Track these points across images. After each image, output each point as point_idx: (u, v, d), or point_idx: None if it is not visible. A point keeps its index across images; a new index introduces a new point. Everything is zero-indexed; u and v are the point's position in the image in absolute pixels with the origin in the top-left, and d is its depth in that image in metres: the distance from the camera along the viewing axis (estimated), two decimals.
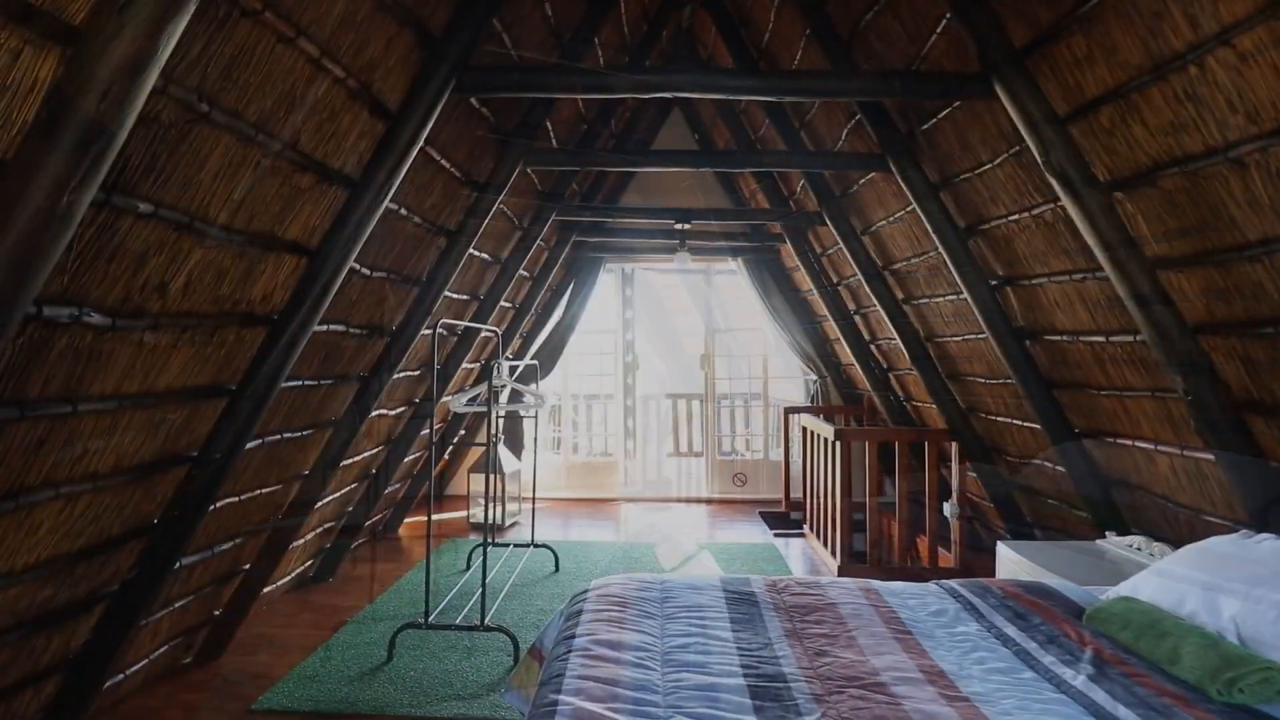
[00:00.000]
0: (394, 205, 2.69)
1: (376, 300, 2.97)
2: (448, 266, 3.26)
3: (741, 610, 1.89)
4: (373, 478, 4.23)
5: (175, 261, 1.81)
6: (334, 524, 4.02)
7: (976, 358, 3.71)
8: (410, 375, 3.87)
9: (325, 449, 3.22)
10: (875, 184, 3.72)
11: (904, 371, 4.80)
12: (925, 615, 1.91)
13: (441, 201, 3.04)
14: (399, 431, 4.23)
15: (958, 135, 2.86)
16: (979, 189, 2.91)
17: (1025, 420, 3.55)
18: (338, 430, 3.21)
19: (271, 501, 3.05)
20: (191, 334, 2.01)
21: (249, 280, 2.12)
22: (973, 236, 3.14)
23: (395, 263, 2.99)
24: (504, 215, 3.91)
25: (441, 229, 3.19)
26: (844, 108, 3.60)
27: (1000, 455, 4.02)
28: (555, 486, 6.20)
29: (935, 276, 3.67)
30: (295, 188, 2.09)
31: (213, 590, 2.98)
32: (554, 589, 3.97)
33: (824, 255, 5.02)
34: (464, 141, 2.94)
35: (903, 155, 3.16)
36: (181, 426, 2.19)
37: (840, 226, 4.16)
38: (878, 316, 4.74)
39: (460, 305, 4.08)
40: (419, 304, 3.25)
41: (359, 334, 2.98)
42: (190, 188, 1.74)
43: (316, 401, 2.96)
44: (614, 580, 2.09)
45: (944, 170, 3.08)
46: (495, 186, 3.20)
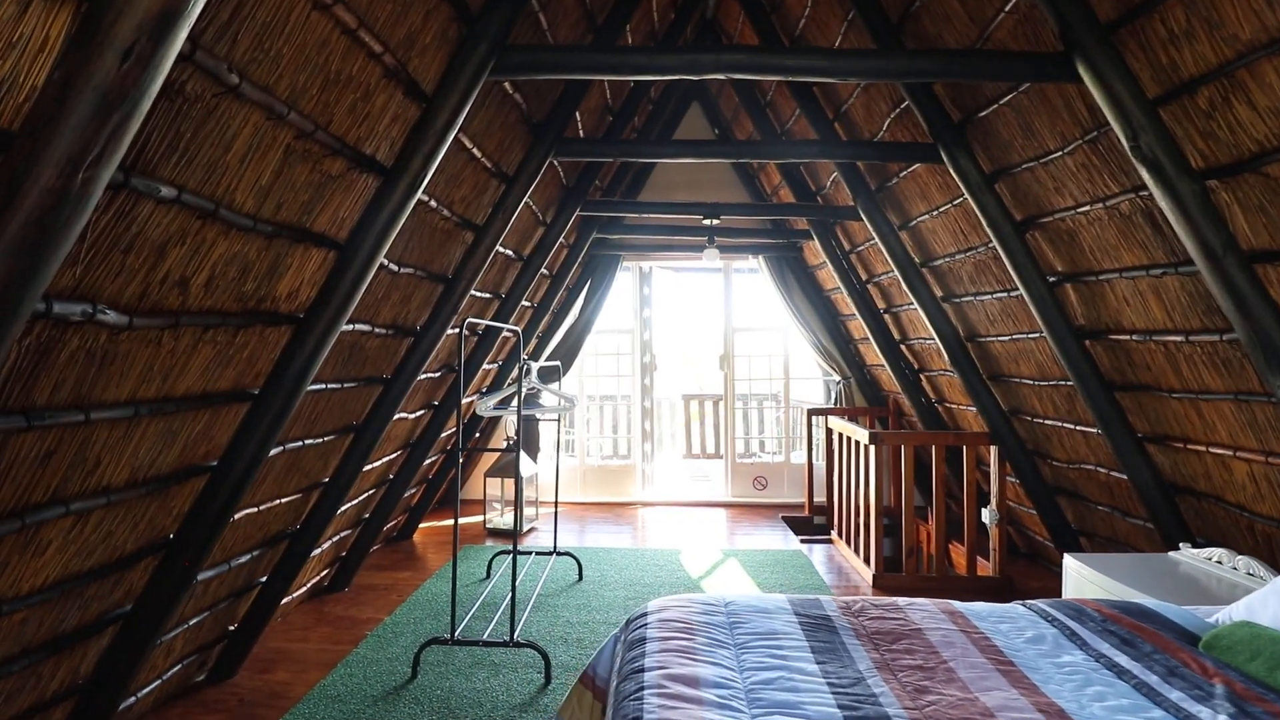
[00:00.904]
0: (424, 196, 2.51)
1: (403, 298, 2.79)
2: (475, 262, 3.08)
3: (821, 638, 1.71)
4: (390, 483, 4.05)
5: (198, 254, 1.63)
6: (350, 531, 3.84)
7: (1024, 358, 3.54)
8: (431, 377, 3.69)
9: (347, 455, 3.03)
10: (918, 176, 3.55)
11: (937, 373, 4.63)
12: (1023, 643, 1.74)
13: (471, 194, 2.86)
14: (418, 435, 4.04)
15: (1021, 121, 2.68)
16: (1042, 179, 2.74)
17: (1078, 424, 3.37)
18: (360, 435, 3.03)
19: (291, 511, 2.87)
20: (213, 334, 1.82)
21: (274, 275, 1.93)
22: (1030, 230, 2.96)
23: (422, 258, 2.81)
24: (529, 210, 3.73)
25: (469, 223, 3.00)
26: (887, 96, 3.43)
27: (1045, 460, 3.85)
28: (570, 490, 6.02)
29: (982, 273, 3.50)
30: (325, 174, 1.91)
31: (229, 605, 2.80)
32: (579, 599, 3.79)
33: (853, 252, 4.84)
34: (495, 130, 2.76)
35: (956, 144, 2.98)
36: (201, 434, 2.01)
37: (876, 221, 3.98)
38: (911, 315, 4.56)
39: (482, 304, 3.90)
40: (445, 302, 3.06)
41: (384, 333, 2.80)
42: (216, 171, 1.55)
43: (339, 405, 2.78)
44: (673, 602, 1.91)
45: (1001, 160, 2.90)
46: (525, 177, 3.02)
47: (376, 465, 3.58)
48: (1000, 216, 2.97)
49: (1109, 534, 3.62)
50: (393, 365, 3.08)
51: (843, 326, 5.84)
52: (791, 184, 4.86)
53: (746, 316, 6.23)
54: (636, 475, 6.09)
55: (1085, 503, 3.68)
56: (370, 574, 4.16)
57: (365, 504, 3.83)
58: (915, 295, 3.96)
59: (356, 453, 3.03)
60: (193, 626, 2.61)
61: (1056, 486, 3.89)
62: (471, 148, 2.62)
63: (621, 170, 5.25)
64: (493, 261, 3.60)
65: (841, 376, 5.83)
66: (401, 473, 4.06)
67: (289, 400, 2.14)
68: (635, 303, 6.10)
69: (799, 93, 4.02)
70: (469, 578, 4.13)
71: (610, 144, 3.18)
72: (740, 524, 5.50)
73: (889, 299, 4.74)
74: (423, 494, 4.92)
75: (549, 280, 5.11)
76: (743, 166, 5.86)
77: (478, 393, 4.97)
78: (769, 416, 6.85)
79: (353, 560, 3.94)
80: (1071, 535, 3.87)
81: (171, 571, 2.21)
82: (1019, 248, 2.97)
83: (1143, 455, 2.97)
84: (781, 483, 6.05)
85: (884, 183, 3.88)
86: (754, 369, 6.33)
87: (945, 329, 3.94)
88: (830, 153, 3.18)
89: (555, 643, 3.22)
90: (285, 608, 3.46)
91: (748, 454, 6.78)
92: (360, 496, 3.67)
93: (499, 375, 5.05)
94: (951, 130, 2.99)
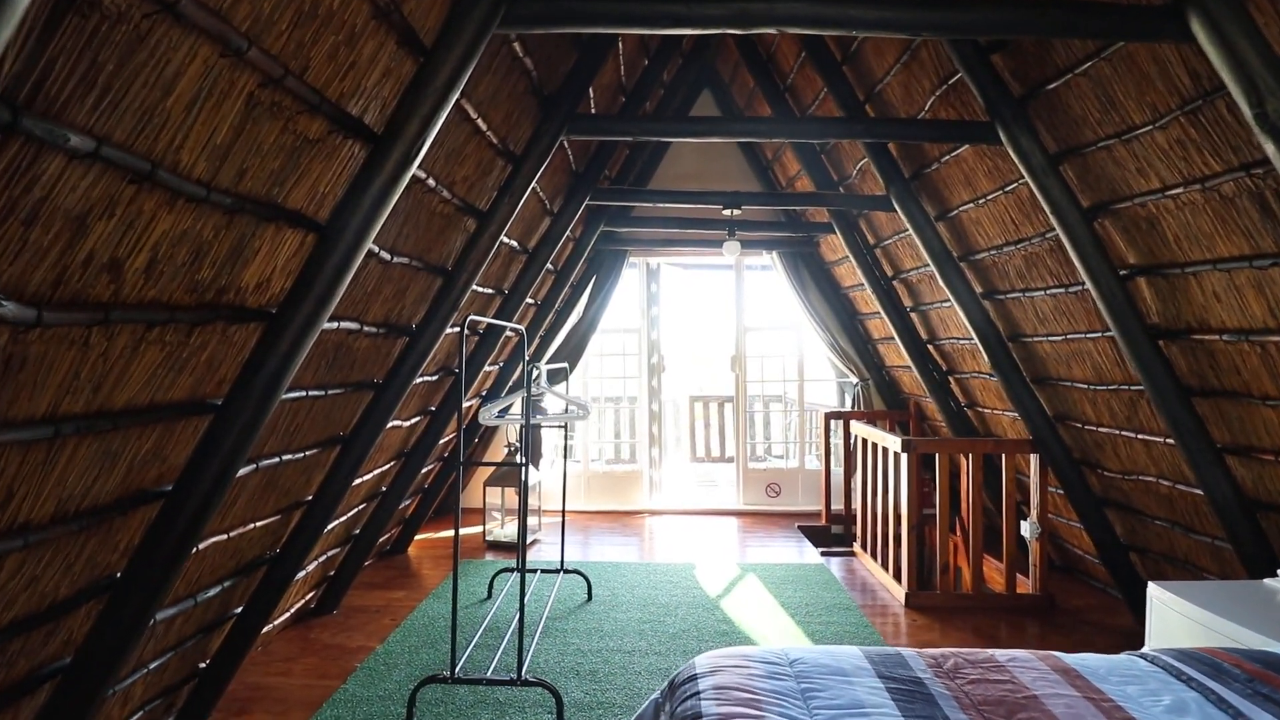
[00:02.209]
0: (421, 173, 2.15)
1: (397, 292, 2.42)
2: (477, 254, 2.71)
3: (919, 712, 1.36)
4: (383, 496, 3.67)
5: (133, 230, 1.26)
6: (339, 550, 3.47)
7: (1078, 360, 3.21)
8: (428, 380, 3.32)
9: (333, 470, 2.66)
10: (963, 161, 3.21)
11: (968, 375, 4.30)
12: (1161, 711, 1.39)
13: (475, 174, 2.49)
14: (414, 443, 3.68)
15: (1100, 94, 2.34)
16: (1122, 159, 2.40)
17: (1139, 432, 3.05)
18: (348, 448, 2.66)
19: (269, 535, 2.49)
20: (160, 333, 1.45)
21: (238, 261, 1.57)
22: (1100, 217, 2.63)
23: (419, 246, 2.44)
24: (536, 196, 3.36)
25: (472, 208, 2.64)
26: (931, 71, 3.08)
27: (1094, 470, 3.52)
28: (574, 498, 5.65)
29: (1033, 267, 3.17)
30: (300, 137, 1.54)
31: (198, 642, 2.43)
32: (590, 622, 3.44)
33: (878, 246, 4.51)
34: (502, 99, 2.39)
35: (1018, 122, 2.64)
36: (150, 455, 1.64)
37: (910, 211, 3.64)
38: (942, 314, 4.23)
39: (484, 300, 3.54)
40: (444, 297, 2.70)
41: (375, 332, 2.43)
42: (152, 120, 1.19)
43: (323, 415, 2.41)
44: (726, 662, 1.55)
45: (1070, 139, 2.57)
46: (534, 157, 2.66)
47: (367, 478, 3.21)
48: (1066, 203, 2.64)
49: (1165, 550, 3.30)
50: (385, 368, 2.71)
51: (861, 326, 5.51)
52: (812, 174, 4.52)
53: (759, 315, 5.89)
54: (643, 482, 5.74)
55: (1139, 516, 3.36)
56: (361, 594, 3.79)
57: (355, 520, 3.45)
58: (952, 292, 3.62)
59: (344, 467, 2.67)
60: (155, 670, 2.24)
61: (1105, 498, 3.56)
62: (476, 118, 2.25)
63: (629, 161, 4.90)
64: (496, 253, 3.24)
65: (859, 378, 5.50)
66: (395, 485, 3.69)
67: (259, 411, 1.77)
68: (642, 301, 5.74)
69: (826, 72, 3.67)
70: (469, 597, 3.76)
71: (628, 121, 2.83)
72: (754, 534, 5.15)
73: (917, 296, 4.40)
74: (418, 504, 4.55)
75: (554, 277, 4.74)
76: (756, 158, 5.51)
77: (477, 396, 4.60)
78: (782, 420, 6.51)
79: (341, 580, 3.57)
80: (1121, 551, 3.55)
81: (121, 616, 1.84)
82: (1086, 237, 2.64)
83: (1222, 468, 2.64)
84: (796, 490, 5.71)
85: (920, 169, 3.54)
86: (767, 370, 5.98)
87: (985, 328, 3.60)
88: (874, 131, 2.84)
89: (566, 675, 2.87)
90: (266, 637, 3.09)
91: (757, 457, 6.44)
92: (349, 513, 3.30)
93: (500, 378, 4.68)
94: (1012, 106, 2.66)
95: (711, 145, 5.50)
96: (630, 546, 4.81)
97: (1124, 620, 3.57)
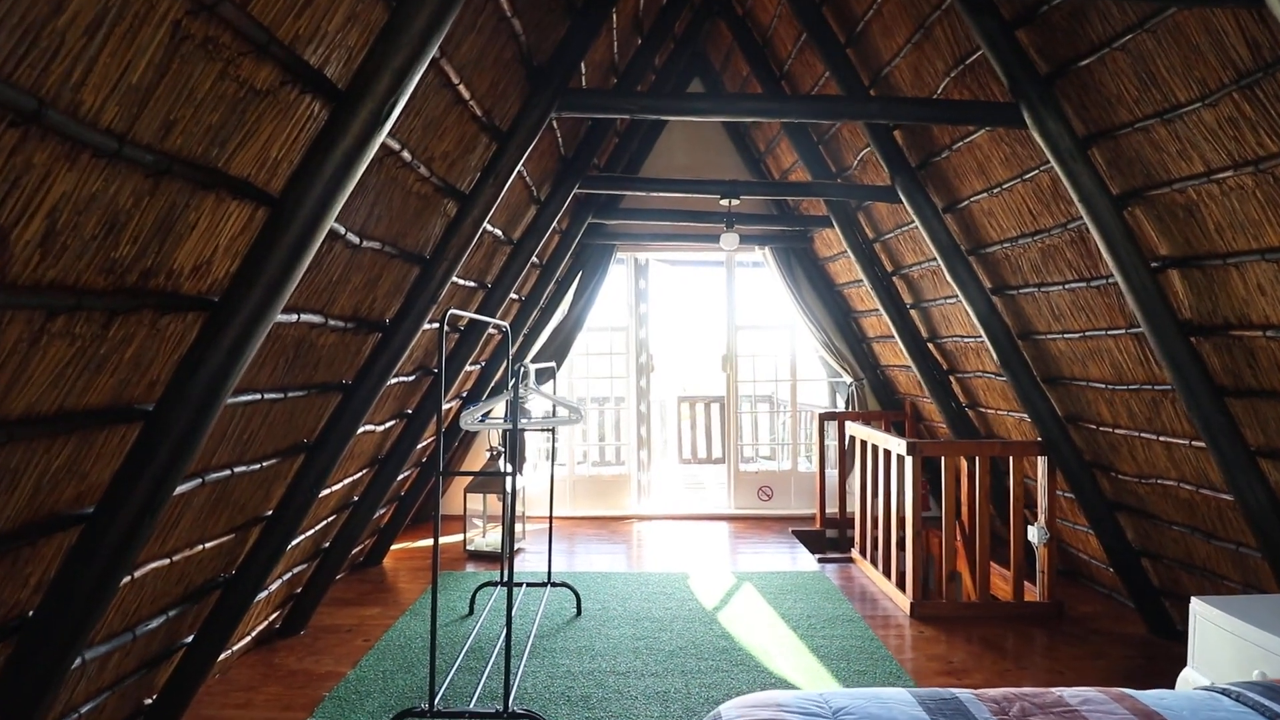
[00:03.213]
0: (395, 144, 1.87)
1: (367, 281, 2.14)
2: (459, 241, 2.44)
3: None
4: (355, 506, 3.37)
5: (19, 188, 0.98)
6: (305, 566, 3.16)
7: (1096, 358, 3.03)
8: (404, 381, 3.03)
9: (297, 481, 2.37)
10: (977, 149, 3.01)
11: (970, 374, 4.12)
12: None
13: (456, 150, 2.22)
14: (389, 449, 3.38)
15: (1139, 69, 2.15)
16: (1162, 141, 2.21)
17: (1160, 433, 2.87)
18: (313, 456, 2.37)
19: (222, 556, 2.20)
20: (67, 322, 1.17)
21: (168, 236, 1.28)
22: (1130, 205, 2.44)
23: (393, 230, 2.16)
24: (522, 181, 3.09)
25: (453, 189, 2.36)
26: (945, 52, 2.87)
27: (1107, 473, 3.35)
28: (559, 503, 5.38)
29: (1051, 260, 2.98)
30: (247, 86, 1.27)
31: (142, 678, 2.12)
32: (580, 640, 3.18)
33: (878, 241, 4.31)
34: (488, 65, 2.12)
35: (1045, 103, 2.44)
36: (64, 471, 1.35)
37: (917, 202, 3.44)
38: (944, 311, 4.05)
39: (465, 294, 3.25)
40: (421, 288, 2.42)
41: (342, 327, 2.14)
42: (38, 43, 0.91)
43: (283, 420, 2.12)
44: (759, 714, 1.31)
45: (1103, 120, 2.37)
46: (521, 135, 2.39)
47: (336, 488, 2.91)
48: (1095, 189, 2.44)
49: (1181, 556, 3.13)
50: (355, 367, 2.43)
51: (855, 324, 5.32)
52: (809, 165, 4.30)
53: (750, 313, 5.66)
54: (631, 486, 5.48)
55: (1154, 521, 3.19)
56: (331, 611, 3.48)
57: (324, 533, 3.15)
58: (960, 288, 3.43)
59: (309, 477, 2.37)
60: (88, 713, 1.94)
61: (1116, 502, 3.40)
62: (458, 83, 1.98)
63: (618, 151, 4.64)
64: (479, 243, 2.97)
65: (853, 378, 5.31)
66: (369, 494, 3.39)
67: (200, 418, 1.48)
68: (630, 298, 5.49)
69: (829, 54, 3.46)
70: (449, 614, 3.47)
71: (623, 97, 2.57)
72: (747, 539, 4.93)
73: (918, 293, 4.21)
74: (394, 513, 4.24)
75: (539, 271, 4.47)
76: (748, 150, 5.29)
77: (457, 398, 4.31)
78: (774, 421, 6.31)
79: (309, 598, 3.26)
80: (1132, 556, 3.39)
81: (36, 660, 1.54)
82: (1116, 227, 2.45)
83: (1255, 472, 2.47)
84: (788, 493, 5.50)
85: (929, 158, 3.34)
86: (759, 370, 5.76)
87: (994, 326, 3.42)
88: (889, 111, 2.62)
89: (556, 702, 2.61)
90: (224, 663, 2.78)
91: (746, 459, 6.23)
92: (317, 526, 3.00)
93: (482, 378, 4.39)
94: (1039, 85, 2.45)
95: (703, 136, 5.27)
96: (619, 554, 4.55)
97: (1135, 628, 3.41)
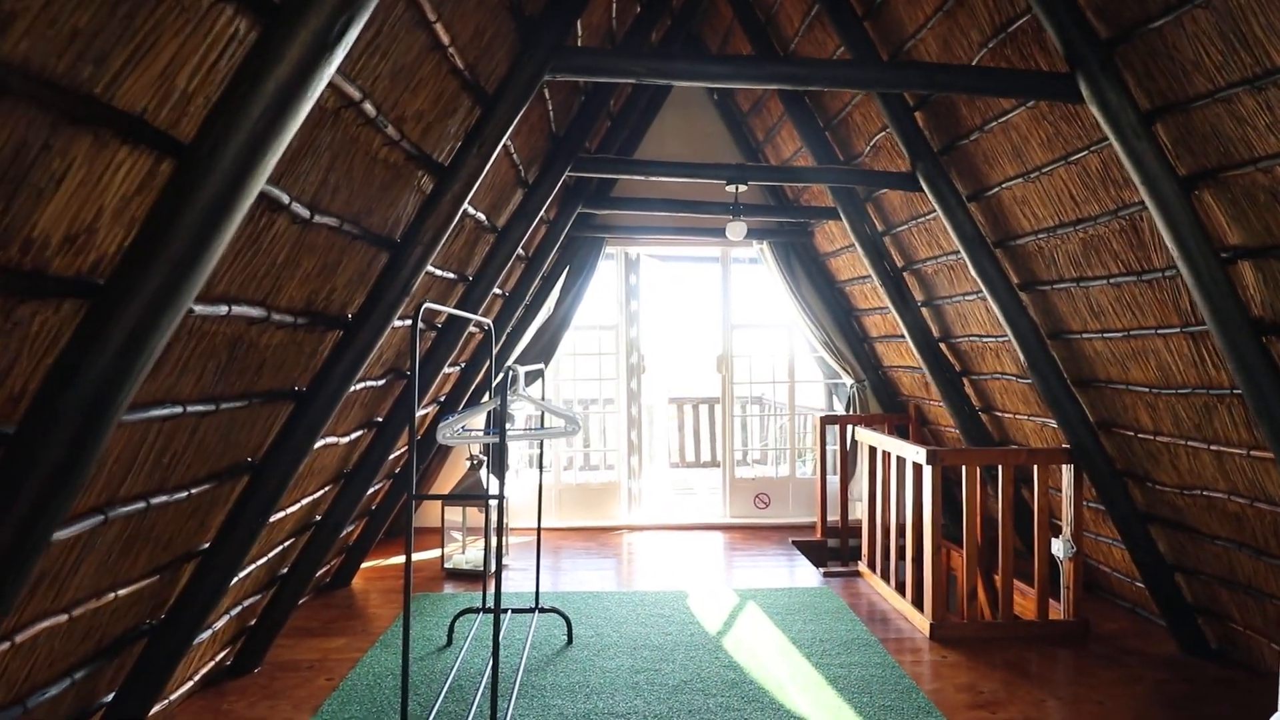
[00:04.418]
0: (355, 90, 1.49)
1: (323, 267, 1.75)
2: (436, 221, 2.05)
3: None
4: (317, 526, 2.96)
5: None
6: (260, 596, 2.75)
7: (1140, 360, 2.74)
8: (372, 385, 2.63)
9: (239, 508, 1.97)
10: (1013, 129, 2.71)
11: (987, 376, 3.84)
12: None
13: (432, 110, 1.83)
14: (356, 462, 2.98)
15: (1224, 29, 1.84)
16: (1247, 113, 1.91)
17: (1211, 441, 2.60)
18: (260, 478, 1.97)
19: (144, 601, 1.79)
20: None
21: (18, 192, 0.90)
22: (1199, 189, 2.14)
23: (355, 204, 1.77)
24: (509, 159, 2.71)
25: (428, 160, 1.98)
26: (981, 22, 2.56)
27: (1141, 484, 3.08)
28: (544, 513, 5.00)
29: (1095, 252, 2.68)
30: None
31: None
32: (572, 674, 2.81)
33: (888, 234, 4.01)
34: (472, 6, 1.75)
35: (1106, 72, 2.14)
36: None
37: (939, 190, 3.14)
38: (960, 309, 3.75)
39: (444, 287, 2.86)
40: (390, 278, 2.03)
41: (290, 322, 1.75)
42: None
43: (216, 437, 1.72)
44: None
45: (1172, 92, 2.07)
46: (510, 98, 2.02)
47: (293, 510, 2.50)
48: (1160, 170, 2.15)
49: (1222, 573, 2.87)
50: (311, 371, 2.03)
51: (857, 323, 5.02)
52: (815, 152, 3.98)
53: (747, 312, 5.34)
54: (621, 494, 5.12)
55: (1191, 534, 2.93)
56: (291, 644, 3.07)
57: (281, 558, 2.74)
58: (986, 283, 3.13)
59: (255, 502, 1.97)
60: None
61: (1149, 514, 3.13)
62: (434, 21, 1.59)
63: (610, 136, 4.28)
64: (460, 227, 2.59)
65: (855, 379, 5.01)
66: (334, 512, 2.98)
67: (84, 440, 1.09)
68: (620, 295, 5.12)
69: (844, 29, 3.14)
70: (425, 644, 3.08)
71: (628, 57, 2.19)
72: (745, 550, 4.60)
73: (930, 290, 3.92)
74: (364, 529, 3.83)
75: (524, 264, 4.09)
76: (745, 138, 4.97)
77: (435, 402, 3.91)
78: (772, 425, 5.99)
79: (265, 631, 2.85)
80: (1165, 571, 3.12)
81: None
82: (1184, 212, 2.15)
83: None
84: (786, 500, 5.18)
85: (954, 141, 3.03)
86: (755, 371, 5.44)
87: (1022, 324, 3.12)
88: (933, 80, 2.28)
89: None
90: (165, 712, 2.36)
91: (744, 461, 5.91)
92: (272, 552, 2.59)
93: (462, 381, 4.00)
94: (1099, 52, 2.15)
95: (697, 124, 4.94)
96: (610, 571, 4.19)
97: (1165, 646, 3.15)
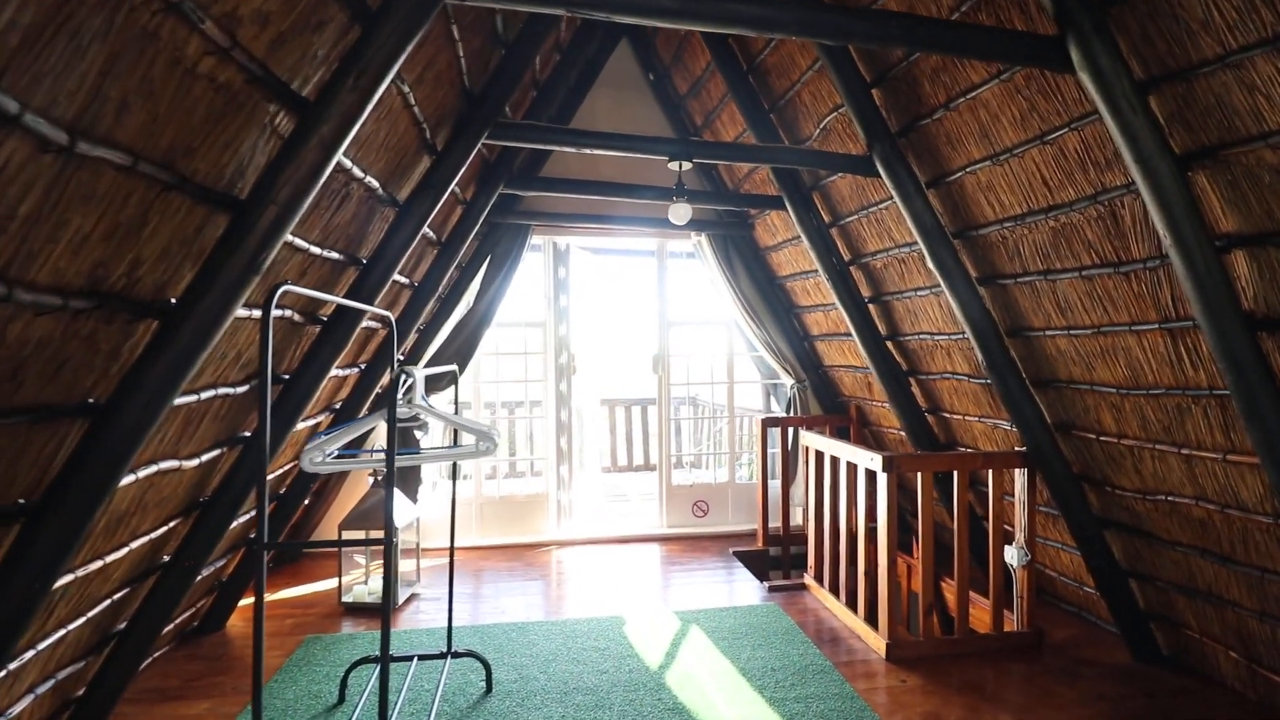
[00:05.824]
0: None
1: (111, 228, 1.20)
2: (297, 174, 1.53)
3: None
4: (165, 569, 2.34)
5: None
6: (86, 662, 2.11)
7: (1108, 358, 2.54)
8: (229, 393, 2.05)
9: (6, 567, 1.38)
10: (983, 106, 2.44)
11: (935, 376, 3.62)
12: None
13: (281, 11, 1.31)
14: (215, 487, 2.37)
15: None
16: (1261, 80, 1.68)
17: (1182, 445, 2.42)
18: (37, 524, 1.39)
19: None
20: None
21: None
22: (1198, 168, 1.92)
23: (162, 139, 1.23)
24: (410, 113, 2.19)
25: (282, 87, 1.45)
26: None
27: (1098, 488, 2.91)
28: (463, 530, 4.46)
29: (1065, 242, 2.45)
30: None
31: None
32: None
33: (835, 225, 3.73)
34: None
35: (1100, 34, 1.88)
36: None
37: (897, 175, 2.86)
38: (909, 305, 3.51)
39: (327, 270, 2.30)
40: (231, 248, 1.48)
41: (59, 305, 1.20)
42: None
43: None
44: None
45: (1173, 59, 1.82)
46: (399, 8, 1.52)
47: (119, 555, 1.89)
48: (1156, 148, 1.90)
49: (1180, 579, 2.72)
50: (112, 377, 1.46)
51: (798, 321, 4.75)
52: (759, 135, 3.66)
53: (684, 309, 4.97)
54: (550, 506, 4.64)
55: (1148, 540, 2.78)
56: (138, 713, 2.42)
57: (111, 614, 2.11)
58: (944, 276, 2.88)
59: (32, 558, 1.39)
60: None
61: (1105, 518, 2.97)
62: None
63: (534, 110, 3.79)
64: (340, 192, 2.05)
65: (795, 380, 4.74)
66: (188, 549, 2.36)
67: None
68: (548, 289, 4.64)
69: None
70: (312, 703, 2.51)
71: None
72: (684, 563, 4.23)
73: (879, 285, 3.67)
74: (241, 561, 3.19)
75: (437, 251, 3.54)
76: (682, 120, 4.60)
77: (328, 410, 3.31)
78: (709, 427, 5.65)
79: (99, 701, 2.21)
80: (1120, 576, 2.97)
81: None
82: (1179, 194, 1.92)
83: None
84: (725, 507, 4.85)
85: (914, 122, 2.76)
86: (693, 371, 5.08)
87: (981, 321, 2.89)
88: (913, 36, 1.94)
89: None
90: None
91: (680, 465, 5.55)
92: (95, 609, 1.96)
93: (360, 386, 3.41)
94: (1092, 12, 1.88)
95: (629, 106, 4.53)
96: (537, 595, 3.71)
97: (1118, 655, 3.01)
